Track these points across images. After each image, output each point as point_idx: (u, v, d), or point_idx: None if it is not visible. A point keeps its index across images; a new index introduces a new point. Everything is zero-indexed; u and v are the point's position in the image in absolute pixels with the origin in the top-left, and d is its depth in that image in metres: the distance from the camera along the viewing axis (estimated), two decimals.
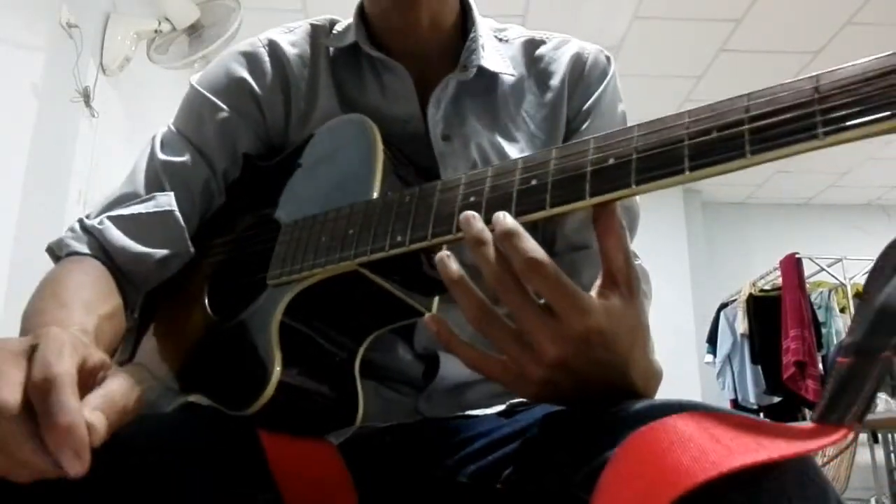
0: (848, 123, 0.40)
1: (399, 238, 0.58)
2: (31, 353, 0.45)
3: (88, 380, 0.48)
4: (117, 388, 0.48)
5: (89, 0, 2.67)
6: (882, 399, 4.18)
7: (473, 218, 0.51)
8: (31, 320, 0.64)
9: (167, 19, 2.82)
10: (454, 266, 0.51)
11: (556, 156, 0.52)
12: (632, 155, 0.48)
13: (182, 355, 0.75)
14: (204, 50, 2.79)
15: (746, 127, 0.44)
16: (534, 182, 0.52)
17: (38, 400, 0.42)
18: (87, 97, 2.53)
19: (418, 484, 0.66)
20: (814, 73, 0.43)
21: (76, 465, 0.41)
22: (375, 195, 0.64)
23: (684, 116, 0.47)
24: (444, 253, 0.52)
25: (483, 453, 0.61)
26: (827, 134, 0.41)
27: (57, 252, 0.77)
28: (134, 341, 0.81)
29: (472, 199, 0.55)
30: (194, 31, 2.86)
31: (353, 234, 0.61)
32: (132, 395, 0.49)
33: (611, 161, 0.49)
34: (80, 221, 0.78)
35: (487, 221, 0.52)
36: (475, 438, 0.64)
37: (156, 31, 2.84)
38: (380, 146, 0.68)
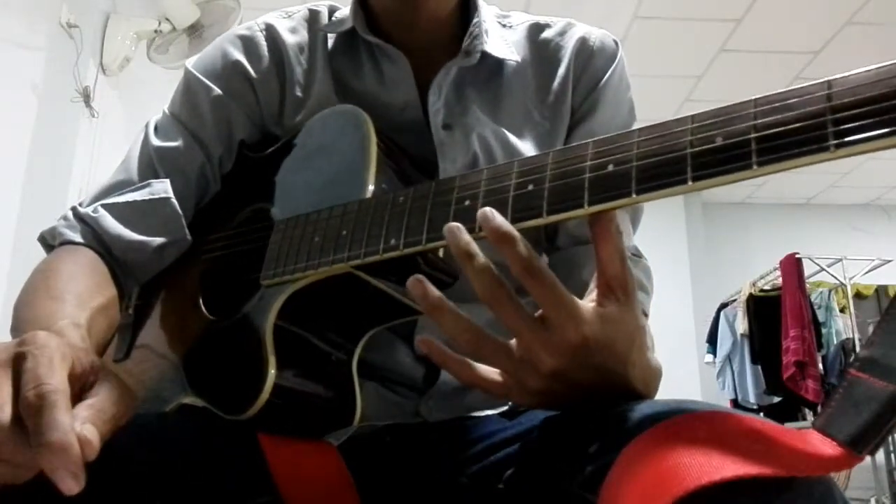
0: (861, 136, 0.38)
1: (393, 241, 0.56)
2: (17, 362, 0.43)
3: (78, 384, 0.46)
4: (108, 395, 0.46)
5: (89, 0, 2.67)
6: None
7: (458, 230, 0.49)
8: (22, 313, 0.63)
9: (167, 19, 2.82)
10: (432, 292, 0.49)
11: (552, 159, 0.50)
12: (632, 162, 0.46)
13: (177, 355, 0.73)
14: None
15: (753, 136, 0.41)
16: (530, 187, 0.50)
17: (29, 418, 0.41)
18: (87, 97, 2.53)
19: (420, 485, 0.65)
20: (825, 79, 0.40)
21: (72, 484, 0.39)
22: (369, 193, 0.62)
23: (688, 122, 0.45)
24: (416, 277, 0.50)
25: (485, 454, 0.61)
26: (839, 146, 0.39)
27: (49, 241, 0.75)
28: (129, 338, 0.79)
29: (466, 202, 0.53)
30: (194, 31, 2.86)
31: (346, 234, 0.60)
32: (124, 400, 0.47)
33: (610, 168, 0.47)
34: (74, 209, 0.76)
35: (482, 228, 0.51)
36: (478, 440, 0.64)
37: (156, 31, 2.84)
38: (373, 140, 0.66)
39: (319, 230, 0.63)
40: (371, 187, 0.63)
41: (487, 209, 0.49)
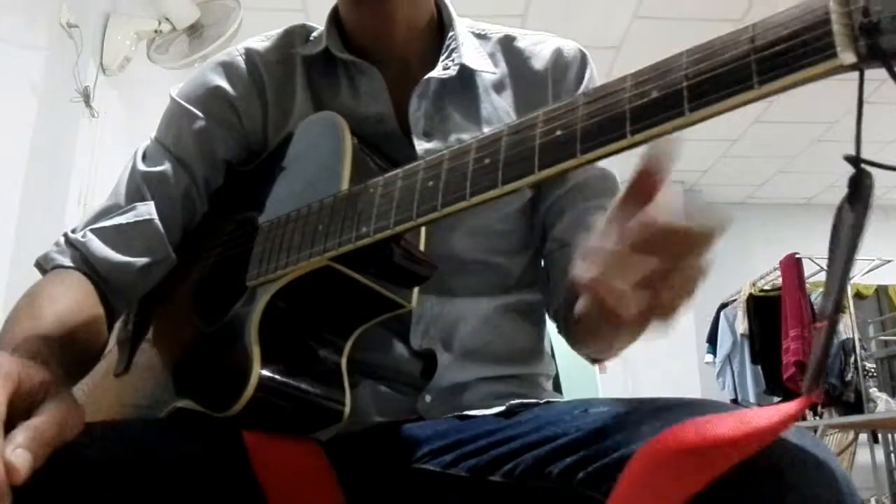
0: (781, 70, 0.40)
1: (364, 229, 0.58)
2: None
3: (25, 402, 0.48)
4: (52, 414, 0.48)
5: (89, 0, 2.67)
6: (882, 399, 4.18)
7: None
8: (4, 329, 0.66)
9: (167, 19, 2.82)
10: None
11: (507, 132, 0.52)
12: (577, 125, 0.47)
13: (171, 362, 0.75)
14: (204, 50, 2.78)
15: (685, 84, 0.43)
16: (487, 161, 0.52)
17: None
18: (87, 97, 2.53)
19: (413, 479, 0.66)
20: (750, 23, 0.42)
21: None
22: (344, 188, 0.64)
23: (627, 80, 0.46)
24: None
25: (483, 451, 0.61)
26: (762, 83, 0.40)
27: (44, 266, 0.78)
28: (129, 352, 0.82)
29: (430, 183, 0.55)
30: (194, 31, 2.86)
31: (322, 229, 0.62)
32: (70, 418, 0.49)
33: (558, 133, 0.48)
34: (65, 235, 0.80)
35: (444, 205, 0.53)
36: (475, 438, 0.64)
37: (156, 31, 2.84)
38: (348, 139, 0.68)
39: (298, 228, 0.65)
40: (347, 182, 0.64)
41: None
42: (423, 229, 0.68)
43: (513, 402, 0.71)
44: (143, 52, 2.90)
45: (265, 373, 0.61)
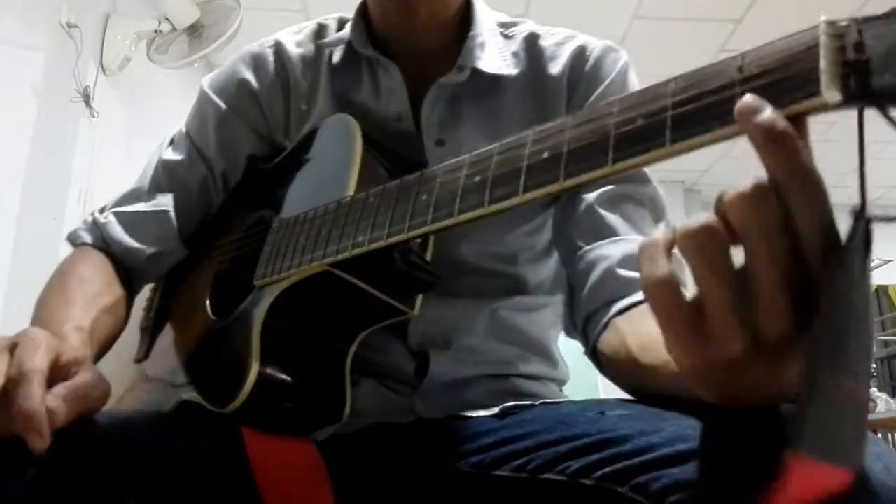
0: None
1: (360, 238, 0.59)
2: (12, 349, 0.53)
3: (62, 372, 0.55)
4: (82, 381, 0.55)
5: (89, 0, 2.67)
6: (882, 399, 4.19)
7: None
8: (38, 311, 0.73)
9: (167, 19, 2.82)
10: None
11: (498, 150, 0.51)
12: (563, 148, 0.46)
13: (183, 355, 0.77)
14: (204, 50, 2.78)
15: (670, 114, 0.40)
16: (477, 178, 0.52)
17: (11, 390, 0.51)
18: (87, 97, 2.53)
19: (410, 476, 0.65)
20: (739, 52, 0.39)
21: (37, 443, 0.49)
22: (350, 194, 0.65)
23: (615, 105, 0.45)
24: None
25: (489, 448, 0.60)
26: None
27: (73, 240, 0.86)
28: (149, 340, 0.84)
29: (423, 196, 0.55)
30: (194, 31, 2.86)
31: (324, 234, 0.63)
32: (98, 387, 0.57)
33: (545, 155, 0.47)
34: (93, 214, 0.87)
35: (434, 220, 0.52)
36: (477, 436, 0.64)
37: (156, 31, 2.83)
38: (359, 145, 0.69)
39: (304, 231, 0.66)
40: (353, 188, 0.65)
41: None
42: (431, 238, 0.68)
43: (506, 404, 0.70)
44: (143, 52, 2.90)
45: (264, 372, 0.62)
